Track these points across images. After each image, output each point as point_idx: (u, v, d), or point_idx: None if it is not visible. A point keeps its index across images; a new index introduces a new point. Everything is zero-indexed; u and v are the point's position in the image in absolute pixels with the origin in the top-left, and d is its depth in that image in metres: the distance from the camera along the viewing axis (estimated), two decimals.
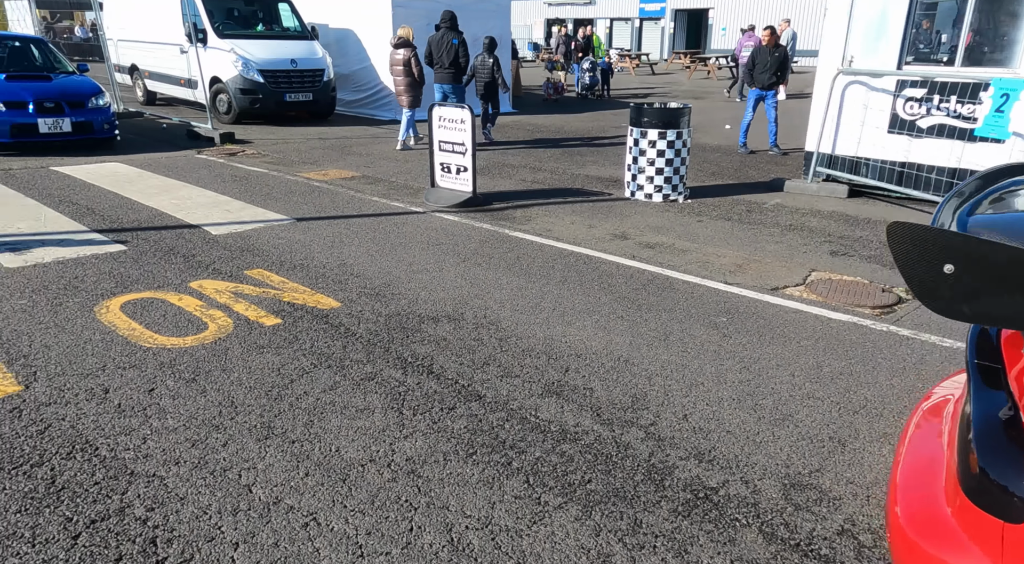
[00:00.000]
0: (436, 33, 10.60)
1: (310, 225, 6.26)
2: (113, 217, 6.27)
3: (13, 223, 5.92)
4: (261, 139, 11.35)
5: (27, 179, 7.75)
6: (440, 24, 10.58)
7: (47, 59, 10.72)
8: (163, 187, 7.55)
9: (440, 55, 10.39)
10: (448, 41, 10.28)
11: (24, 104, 9.04)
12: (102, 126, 9.72)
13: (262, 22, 13.80)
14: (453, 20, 10.49)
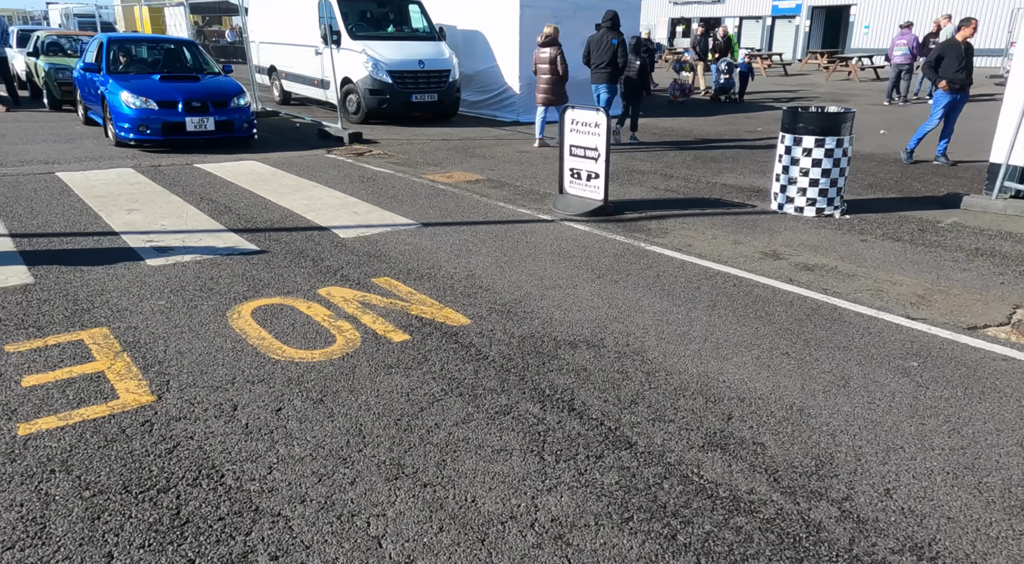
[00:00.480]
0: (596, 33, 10.36)
1: (436, 231, 6.05)
2: (248, 216, 6.35)
3: (158, 220, 6.11)
4: (387, 139, 11.43)
5: (173, 175, 8.09)
6: (601, 24, 10.34)
7: (196, 60, 11.30)
8: (295, 186, 7.64)
9: (598, 55, 10.14)
10: (607, 41, 10.00)
11: (175, 103, 9.51)
12: (242, 125, 10.09)
13: (393, 23, 13.99)
14: (615, 20, 10.24)
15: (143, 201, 6.75)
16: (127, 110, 9.35)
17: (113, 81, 9.77)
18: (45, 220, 5.99)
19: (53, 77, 13.26)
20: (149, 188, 7.33)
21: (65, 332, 3.77)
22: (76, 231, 5.71)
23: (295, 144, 10.76)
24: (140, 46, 11.50)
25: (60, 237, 5.53)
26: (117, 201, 6.72)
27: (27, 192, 7.00)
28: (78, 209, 6.40)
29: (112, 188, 7.28)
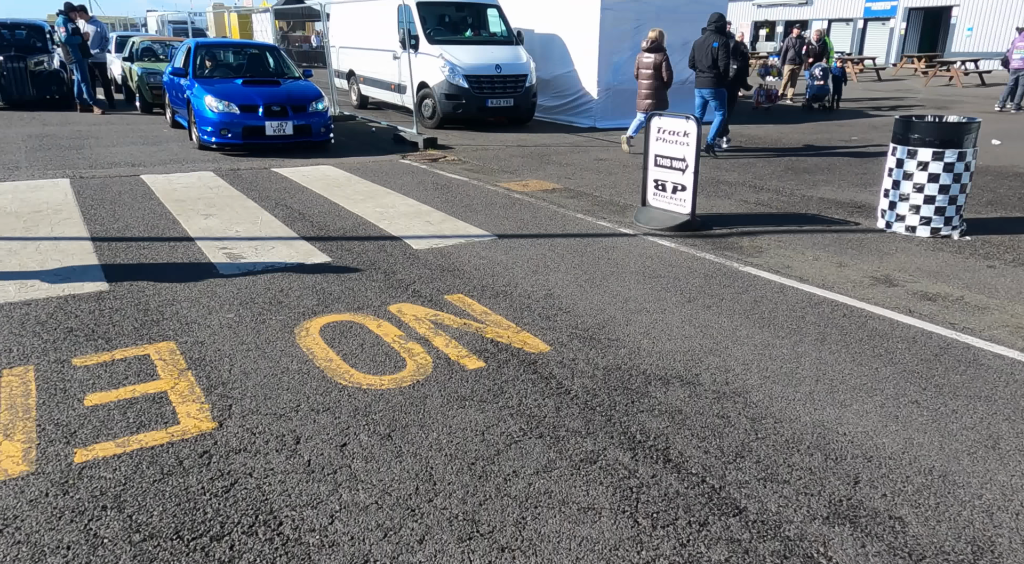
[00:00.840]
0: (701, 36, 9.98)
1: (512, 244, 5.76)
2: (321, 224, 6.22)
3: (233, 226, 6.05)
4: (461, 145, 11.26)
5: (251, 179, 8.11)
6: (706, 27, 9.94)
7: (278, 65, 11.44)
8: (369, 193, 7.51)
9: (700, 58, 9.74)
10: (709, 44, 9.58)
11: (255, 108, 9.59)
12: (319, 130, 10.10)
13: (471, 28, 13.85)
14: (719, 22, 9.85)
15: (220, 206, 6.74)
16: (210, 114, 9.49)
17: (198, 85, 9.95)
18: (125, 224, 6.02)
19: (145, 81, 13.74)
20: (227, 192, 7.34)
21: (133, 345, 3.65)
22: (153, 236, 5.70)
23: (370, 149, 10.71)
24: (225, 51, 11.73)
25: (138, 242, 5.52)
26: (195, 205, 6.73)
27: (112, 195, 7.11)
28: (157, 213, 6.43)
29: (191, 192, 7.32)
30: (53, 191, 7.14)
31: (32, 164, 8.59)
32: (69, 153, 9.42)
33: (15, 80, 13.71)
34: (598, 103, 13.74)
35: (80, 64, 13.66)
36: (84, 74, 13.79)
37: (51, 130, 11.48)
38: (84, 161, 8.89)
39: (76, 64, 13.64)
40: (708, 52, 9.60)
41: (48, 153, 9.37)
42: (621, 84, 13.79)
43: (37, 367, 3.37)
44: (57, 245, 5.31)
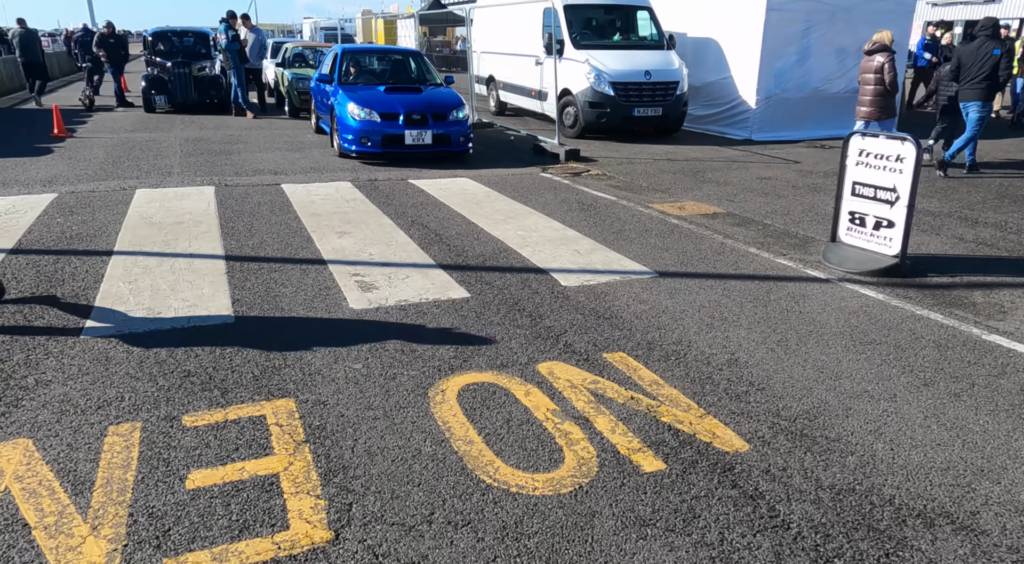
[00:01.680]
0: (970, 43, 8.74)
1: (676, 284, 4.88)
2: (459, 249, 5.65)
3: (367, 247, 5.61)
4: (605, 157, 10.45)
5: (388, 192, 7.75)
6: (978, 32, 8.69)
7: (420, 71, 11.17)
8: (509, 213, 6.88)
9: (971, 66, 8.52)
10: (987, 51, 8.36)
11: (396, 116, 9.29)
12: (458, 139, 9.67)
13: (619, 31, 13.00)
14: (995, 28, 8.59)
15: (355, 223, 6.36)
16: (351, 122, 9.30)
17: (342, 92, 9.82)
18: (260, 241, 5.74)
19: (294, 86, 14.05)
20: (363, 207, 6.97)
21: (249, 401, 3.17)
22: (286, 257, 5.35)
23: (509, 160, 10.15)
24: (370, 57, 11.62)
25: (270, 263, 5.18)
26: (330, 221, 6.39)
27: (251, 205, 6.95)
28: (292, 229, 6.13)
29: (328, 205, 7.02)
30: (198, 200, 7.08)
31: (184, 170, 8.73)
32: (218, 159, 9.56)
33: (180, 84, 14.46)
34: (756, 113, 12.45)
35: (238, 70, 14.19)
36: (241, 80, 14.31)
37: (206, 134, 11.87)
38: (231, 167, 8.94)
39: (234, 70, 14.17)
40: (986, 60, 8.34)
41: (199, 158, 9.56)
42: (784, 93, 12.43)
43: (145, 424, 2.95)
44: (191, 264, 5.06)
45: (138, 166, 8.89)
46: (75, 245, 5.48)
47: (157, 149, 10.20)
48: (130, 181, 7.95)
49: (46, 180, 7.90)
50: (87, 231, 5.87)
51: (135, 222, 6.16)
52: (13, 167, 8.62)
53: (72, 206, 6.74)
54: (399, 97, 9.65)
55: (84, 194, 7.27)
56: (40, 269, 4.88)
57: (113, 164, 8.98)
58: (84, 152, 9.81)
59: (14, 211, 6.45)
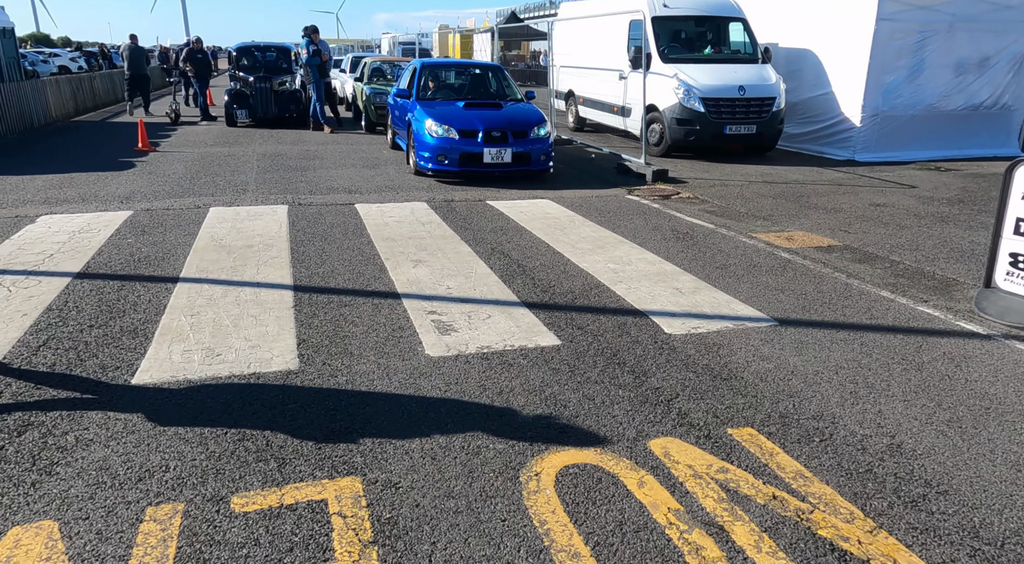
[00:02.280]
0: None
1: (802, 336, 4.17)
2: (545, 284, 5.09)
3: (444, 280, 5.12)
4: (695, 178, 9.72)
5: (465, 214, 7.28)
6: None
7: (500, 86, 10.73)
8: (597, 241, 6.28)
9: None
10: None
11: (475, 133, 8.86)
12: (539, 158, 9.15)
13: (711, 44, 12.25)
14: None
15: (431, 249, 5.89)
16: (429, 138, 8.92)
17: (420, 107, 9.47)
18: (331, 269, 5.33)
19: (371, 101, 13.90)
20: (439, 231, 6.52)
21: (309, 478, 2.68)
22: (358, 289, 4.91)
23: (591, 180, 9.56)
24: (449, 71, 11.29)
25: (340, 295, 4.75)
26: (405, 247, 5.95)
27: (324, 227, 6.60)
28: (365, 255, 5.71)
29: (403, 228, 6.60)
30: (270, 220, 6.79)
31: (259, 187, 8.54)
32: (293, 176, 9.36)
33: (261, 99, 14.55)
34: (861, 132, 11.44)
35: (317, 85, 14.16)
36: (320, 94, 14.28)
37: (283, 149, 11.79)
38: (305, 185, 8.70)
39: (313, 85, 14.16)
40: None
41: (275, 175, 9.38)
42: (893, 110, 11.37)
43: (188, 507, 2.49)
44: (258, 295, 4.69)
45: (214, 182, 8.76)
46: (142, 269, 5.21)
47: (235, 164, 10.12)
48: (205, 198, 7.78)
49: (124, 196, 7.82)
50: (156, 253, 5.62)
51: (205, 244, 5.88)
52: (95, 182, 8.63)
53: (145, 225, 6.56)
54: (478, 113, 9.22)
55: (158, 212, 7.11)
56: (103, 297, 4.60)
57: (191, 180, 8.88)
58: (164, 167, 9.80)
59: (88, 230, 6.30)
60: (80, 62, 42.20)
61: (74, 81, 18.10)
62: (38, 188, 8.18)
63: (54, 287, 4.74)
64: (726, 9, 12.26)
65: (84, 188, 8.23)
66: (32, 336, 3.95)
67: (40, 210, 7.09)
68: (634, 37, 12.46)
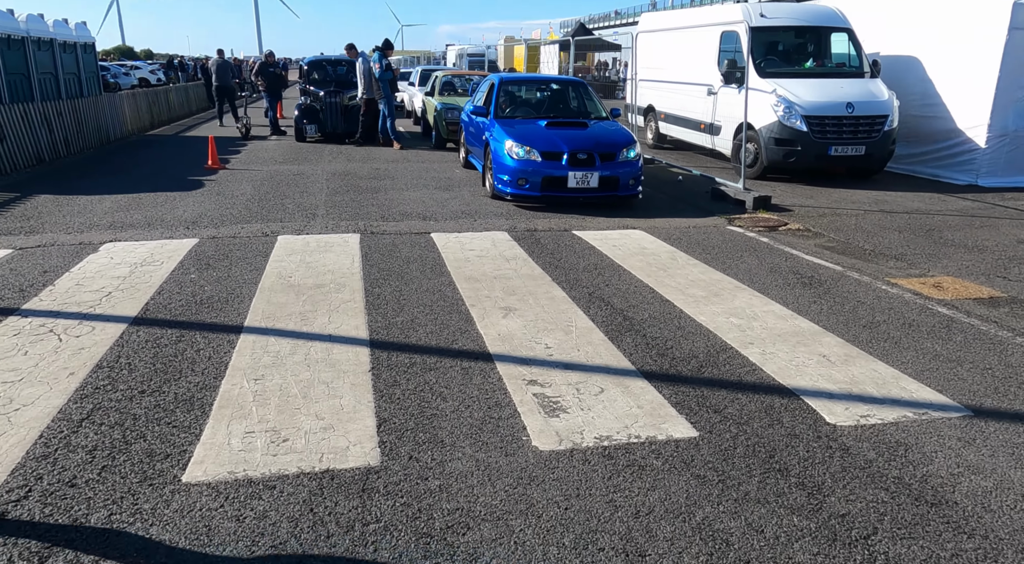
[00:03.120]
0: None
1: (1014, 435, 3.26)
2: (660, 344, 4.30)
3: (541, 335, 4.39)
4: (800, 205, 8.75)
5: (552, 248, 6.56)
6: None
7: (583, 103, 10.00)
8: (709, 286, 5.46)
9: None
10: None
11: (559, 155, 8.14)
12: (628, 182, 8.36)
13: (812, 57, 11.23)
14: None
15: (521, 293, 5.18)
16: (509, 160, 8.26)
17: (499, 126, 8.83)
18: (411, 317, 4.68)
19: (442, 116, 13.39)
20: (526, 269, 5.81)
21: None
22: (443, 346, 4.23)
23: (684, 206, 8.71)
24: (529, 87, 10.64)
25: (423, 356, 4.08)
26: (491, 289, 5.26)
27: (399, 262, 5.99)
28: (448, 300, 5.04)
29: (486, 264, 5.93)
30: (341, 253, 6.22)
31: (329, 211, 8.03)
32: (364, 198, 8.84)
33: (331, 114, 14.24)
34: (985, 154, 10.21)
35: (388, 100, 13.77)
36: (391, 110, 13.88)
37: (353, 167, 11.35)
38: (377, 209, 8.15)
39: (384, 100, 13.76)
40: None
41: (345, 197, 8.88)
42: None
43: None
44: (330, 352, 4.06)
45: (283, 205, 8.31)
46: (204, 314, 4.67)
47: (304, 185, 9.69)
48: (273, 224, 7.30)
49: (190, 221, 7.42)
50: (220, 293, 5.09)
51: (272, 282, 5.33)
52: (163, 203, 8.29)
53: (210, 256, 6.08)
54: (562, 133, 8.51)
55: (224, 240, 6.64)
56: (160, 350, 4.06)
57: (259, 202, 8.46)
58: (232, 187, 9.45)
59: (151, 262, 5.85)
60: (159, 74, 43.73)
61: (150, 94, 18.33)
62: (105, 210, 7.89)
63: (108, 336, 4.24)
64: (830, 19, 11.22)
65: (151, 210, 7.88)
66: (76, 404, 3.41)
67: (105, 236, 6.72)
68: (726, 49, 11.55)
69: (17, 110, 10.88)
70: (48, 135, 11.82)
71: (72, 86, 14.25)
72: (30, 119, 11.24)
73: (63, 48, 13.76)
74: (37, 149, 11.40)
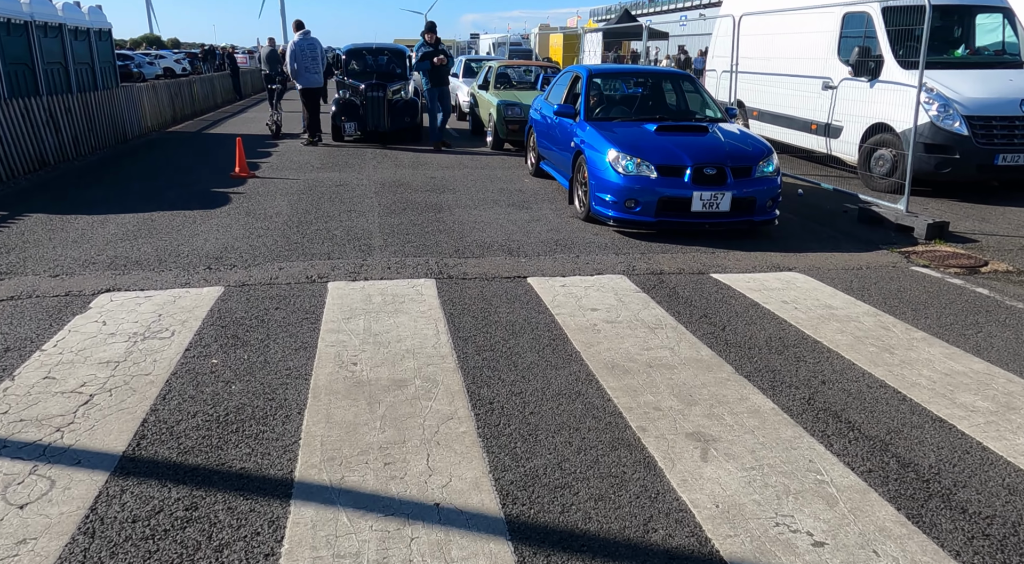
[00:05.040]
0: None
1: None
2: (997, 533, 2.53)
3: (780, 503, 2.62)
4: (979, 232, 6.86)
5: (699, 303, 4.80)
6: None
7: (690, 101, 8.17)
8: (983, 386, 3.63)
9: None
10: None
11: (680, 170, 6.34)
12: (765, 204, 6.53)
13: (964, 44, 9.27)
14: None
15: (704, 401, 3.41)
16: (612, 176, 6.47)
17: (595, 131, 7.04)
18: (555, 460, 2.93)
19: (502, 114, 11.61)
20: (688, 349, 4.02)
21: None
22: (631, 541, 2.48)
23: (827, 232, 6.86)
24: (624, 81, 8.83)
25: (602, 559, 2.35)
26: (655, 391, 3.50)
27: (501, 334, 4.25)
28: (600, 418, 3.30)
29: (624, 338, 4.16)
30: (418, 316, 4.50)
31: (387, 240, 6.32)
32: (426, 220, 7.12)
33: (373, 110, 12.51)
34: None
35: (430, 95, 12.04)
36: (434, 106, 12.15)
37: (403, 175, 9.64)
38: (446, 237, 6.42)
39: (428, 93, 12.05)
40: None
41: (403, 218, 7.16)
42: None
43: None
44: (446, 553, 2.35)
45: (328, 230, 6.62)
46: (229, 447, 2.98)
47: (350, 199, 8.00)
48: (319, 263, 5.61)
49: (213, 256, 5.76)
50: (254, 400, 3.39)
51: (329, 375, 3.63)
52: (180, 227, 6.65)
53: (240, 320, 4.39)
54: (679, 141, 6.69)
55: (258, 290, 4.96)
56: (156, 546, 2.38)
57: (298, 226, 6.78)
58: (264, 203, 7.79)
59: (158, 331, 4.18)
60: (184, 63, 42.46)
61: (172, 86, 16.79)
62: (108, 238, 6.26)
63: (72, 508, 2.55)
64: None
65: (164, 239, 6.24)
66: None
67: (101, 281, 5.08)
68: (850, 34, 9.61)
69: (16, 107, 9.32)
70: (54, 135, 10.27)
71: (84, 78, 12.71)
72: (32, 117, 9.69)
73: (74, 35, 12.21)
74: (40, 151, 9.85)
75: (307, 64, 12.15)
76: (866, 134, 9.02)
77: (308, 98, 12.48)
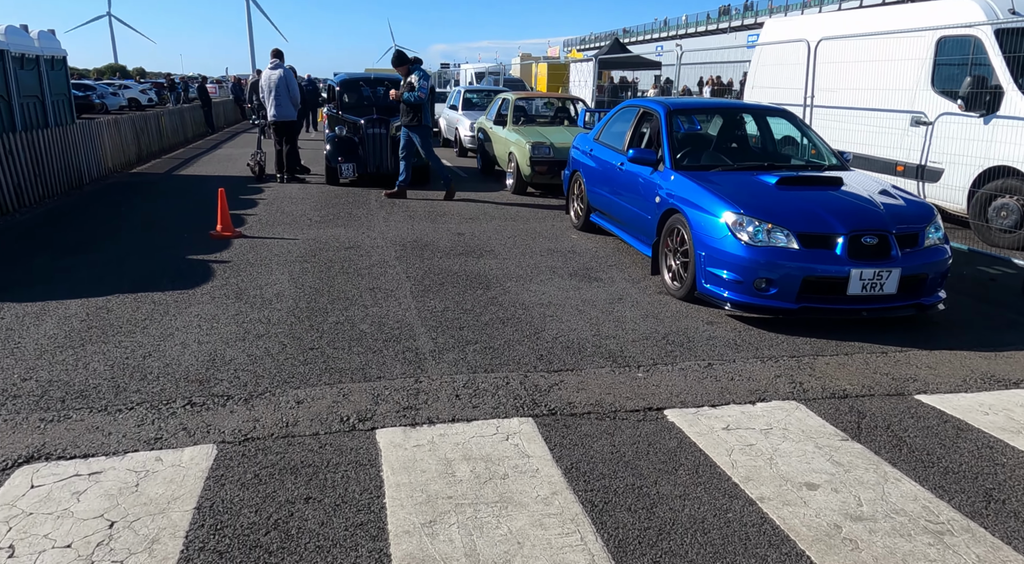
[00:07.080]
0: None
1: None
2: None
3: None
4: None
5: (938, 453, 3.16)
6: None
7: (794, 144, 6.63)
8: None
9: None
10: None
11: (830, 240, 4.75)
12: (936, 282, 4.98)
13: None
14: None
15: None
16: (732, 245, 4.84)
17: (692, 183, 5.43)
18: None
19: (529, 154, 9.97)
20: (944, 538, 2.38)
21: None
22: None
23: (1004, 315, 5.29)
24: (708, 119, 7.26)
25: None
26: None
27: (679, 535, 2.56)
28: None
29: (893, 548, 2.50)
30: (545, 520, 2.76)
31: (436, 340, 4.57)
32: (476, 300, 5.38)
33: (375, 149, 10.82)
34: None
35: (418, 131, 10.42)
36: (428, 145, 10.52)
37: (423, 231, 7.92)
38: (518, 336, 4.68)
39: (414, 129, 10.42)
40: None
41: (445, 299, 5.43)
42: None
43: None
44: None
45: (351, 322, 4.86)
46: None
47: (368, 270, 6.24)
48: (352, 386, 3.83)
49: (197, 375, 3.95)
50: None
51: None
52: (146, 322, 4.82)
53: (247, 528, 2.60)
54: (813, 197, 5.11)
55: (270, 452, 3.17)
56: None
57: (308, 316, 5.00)
58: (259, 277, 5.99)
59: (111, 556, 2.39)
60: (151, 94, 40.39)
61: (138, 121, 14.89)
62: (43, 344, 4.42)
63: None
64: None
65: (125, 344, 4.41)
66: None
67: (20, 440, 3.25)
68: (945, 61, 8.24)
69: None
70: None
71: (32, 113, 10.80)
72: None
73: (19, 63, 10.33)
74: None
75: (280, 97, 10.70)
76: (979, 179, 7.61)
77: (282, 132, 11.02)
